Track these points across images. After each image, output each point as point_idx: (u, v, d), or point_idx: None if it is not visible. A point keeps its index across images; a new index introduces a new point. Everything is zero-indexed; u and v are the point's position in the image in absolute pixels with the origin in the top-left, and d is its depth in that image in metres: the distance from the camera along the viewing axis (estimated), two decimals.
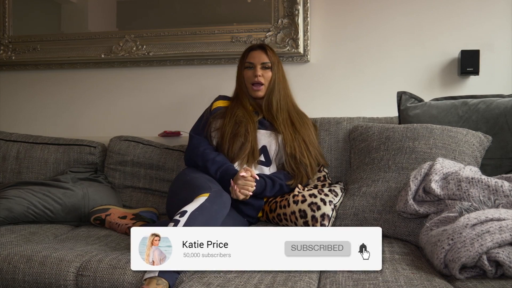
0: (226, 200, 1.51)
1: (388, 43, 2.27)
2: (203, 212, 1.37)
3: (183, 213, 1.34)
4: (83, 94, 2.59)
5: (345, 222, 1.65)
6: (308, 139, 1.85)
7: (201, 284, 1.14)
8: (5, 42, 2.62)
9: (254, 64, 1.86)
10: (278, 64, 1.88)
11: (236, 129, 1.78)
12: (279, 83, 1.87)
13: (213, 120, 1.85)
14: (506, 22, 2.17)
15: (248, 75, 1.87)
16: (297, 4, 2.29)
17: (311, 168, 1.81)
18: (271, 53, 1.88)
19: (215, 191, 1.50)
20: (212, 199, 1.43)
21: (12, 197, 1.81)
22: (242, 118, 1.80)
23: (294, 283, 1.14)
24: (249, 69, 1.87)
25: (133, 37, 2.48)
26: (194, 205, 1.38)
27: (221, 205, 1.46)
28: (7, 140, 2.24)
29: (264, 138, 1.82)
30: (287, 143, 1.80)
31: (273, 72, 1.86)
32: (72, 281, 1.33)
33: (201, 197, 1.43)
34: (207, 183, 1.57)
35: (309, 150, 1.82)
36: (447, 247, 1.16)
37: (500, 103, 1.80)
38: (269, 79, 1.86)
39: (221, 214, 1.44)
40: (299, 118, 1.89)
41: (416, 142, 1.69)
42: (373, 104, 2.27)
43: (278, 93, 1.86)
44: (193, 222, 1.32)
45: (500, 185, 1.32)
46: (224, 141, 1.78)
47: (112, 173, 2.17)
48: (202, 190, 1.48)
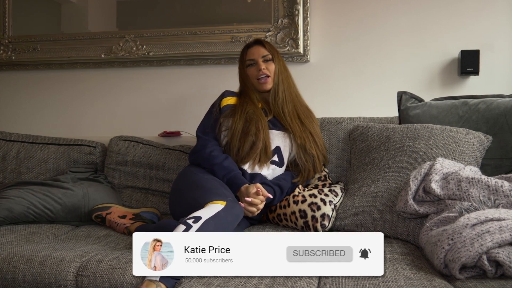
0: (239, 212, 1.47)
1: (388, 43, 2.27)
2: (217, 222, 1.33)
3: (197, 219, 1.30)
4: (83, 94, 2.59)
5: (345, 222, 1.65)
6: (314, 131, 1.84)
7: (201, 284, 1.13)
8: (5, 42, 2.63)
9: (255, 59, 1.84)
10: (277, 55, 1.87)
11: (247, 127, 1.74)
12: (281, 73, 1.85)
13: (224, 119, 1.80)
14: (506, 22, 2.17)
15: (252, 72, 1.85)
16: (297, 4, 2.29)
17: (318, 161, 1.80)
18: (269, 46, 1.87)
19: (231, 201, 1.46)
20: (228, 210, 1.40)
21: (12, 197, 1.80)
22: (252, 115, 1.76)
23: (294, 283, 1.14)
24: (251, 66, 1.85)
25: (133, 37, 2.48)
26: (209, 212, 1.35)
27: (235, 217, 1.43)
28: (7, 140, 2.24)
29: (277, 138, 1.80)
30: (296, 134, 1.79)
31: (275, 63, 1.85)
32: (72, 281, 1.33)
33: (216, 204, 1.40)
34: (221, 189, 1.54)
35: (316, 142, 1.82)
36: (447, 247, 1.16)
37: (500, 103, 1.79)
38: (273, 71, 1.84)
39: (232, 226, 1.42)
40: (304, 110, 1.88)
41: (416, 142, 1.69)
42: (373, 104, 2.27)
43: (282, 83, 1.84)
44: (205, 230, 1.29)
45: (500, 185, 1.32)
46: (234, 141, 1.73)
47: (112, 173, 2.17)
48: (217, 197, 1.45)
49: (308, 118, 1.87)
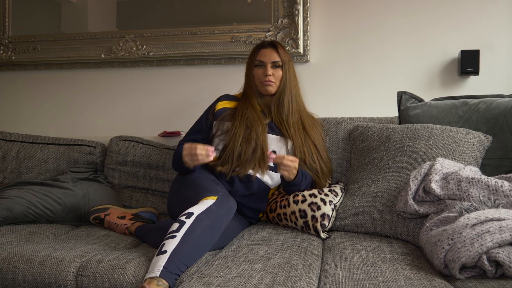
0: (232, 205, 1.49)
1: (388, 43, 2.28)
2: (209, 216, 1.35)
3: (189, 215, 1.33)
4: (83, 94, 2.59)
5: (345, 222, 1.65)
6: (319, 143, 1.82)
7: (201, 284, 1.13)
8: (5, 42, 2.63)
9: (265, 62, 1.80)
10: (289, 62, 1.82)
11: (248, 134, 1.73)
12: (290, 82, 1.81)
13: (220, 122, 1.80)
14: (506, 22, 2.17)
15: (258, 74, 1.82)
16: (297, 4, 2.29)
17: (322, 173, 1.77)
18: (282, 51, 1.82)
19: (222, 195, 1.48)
20: (219, 203, 1.42)
21: (12, 197, 1.80)
22: (252, 121, 1.75)
23: (294, 283, 1.14)
24: (259, 68, 1.82)
25: (133, 37, 2.48)
26: (201, 207, 1.37)
27: (227, 210, 1.45)
28: (7, 140, 2.24)
29: (274, 143, 1.78)
30: (297, 147, 1.76)
31: (283, 70, 1.80)
32: (72, 281, 1.33)
33: (208, 199, 1.42)
34: (213, 186, 1.55)
35: (320, 154, 1.79)
36: (447, 247, 1.16)
37: (500, 103, 1.79)
38: (279, 78, 1.80)
39: (226, 219, 1.43)
40: (309, 121, 1.85)
41: (416, 142, 1.69)
42: (373, 104, 2.27)
43: (289, 92, 1.81)
44: (198, 225, 1.31)
45: (500, 185, 1.32)
46: (236, 144, 1.71)
47: (112, 173, 2.17)
48: (209, 193, 1.46)
49: (314, 129, 1.84)
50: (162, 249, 1.25)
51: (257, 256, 1.34)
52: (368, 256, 1.34)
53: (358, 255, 1.35)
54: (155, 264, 1.22)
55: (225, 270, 1.23)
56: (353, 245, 1.46)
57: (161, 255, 1.24)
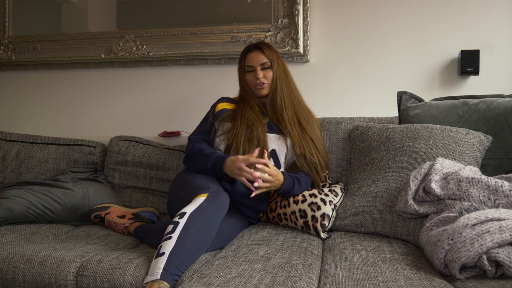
0: (225, 199, 1.50)
1: (388, 43, 2.28)
2: (202, 213, 1.36)
3: (182, 215, 1.34)
4: (83, 94, 2.59)
5: (345, 222, 1.65)
6: (315, 137, 1.83)
7: (201, 284, 1.13)
8: (5, 42, 2.63)
9: (254, 66, 1.83)
10: (277, 60, 1.84)
11: (250, 133, 1.74)
12: (280, 79, 1.83)
13: (220, 123, 1.82)
14: (506, 22, 2.17)
15: (250, 79, 1.85)
16: (297, 4, 2.29)
17: (320, 167, 1.79)
18: (268, 51, 1.84)
19: (213, 190, 1.49)
20: (211, 199, 1.43)
21: (12, 197, 1.80)
22: (253, 121, 1.77)
23: (294, 283, 1.14)
24: (250, 73, 1.85)
25: (133, 37, 2.48)
26: (193, 206, 1.38)
27: (220, 205, 1.45)
28: (7, 140, 2.24)
29: (273, 142, 1.79)
30: (296, 143, 1.78)
31: (273, 70, 1.83)
32: (72, 281, 1.33)
33: (199, 197, 1.43)
34: (205, 183, 1.56)
35: (317, 148, 1.81)
36: (447, 247, 1.16)
37: (500, 103, 1.79)
38: (271, 78, 1.83)
39: (220, 214, 1.44)
40: (305, 115, 1.87)
41: (416, 142, 1.69)
42: (373, 104, 2.27)
43: (281, 89, 1.83)
44: (192, 223, 1.32)
45: (500, 185, 1.32)
46: (239, 144, 1.72)
47: (112, 173, 2.17)
48: (201, 190, 1.48)
49: (309, 122, 1.85)
50: (160, 251, 1.25)
51: (257, 256, 1.34)
52: (368, 256, 1.34)
53: (358, 255, 1.35)
54: (154, 266, 1.22)
55: (225, 270, 1.23)
56: (353, 245, 1.46)
57: (159, 257, 1.24)
